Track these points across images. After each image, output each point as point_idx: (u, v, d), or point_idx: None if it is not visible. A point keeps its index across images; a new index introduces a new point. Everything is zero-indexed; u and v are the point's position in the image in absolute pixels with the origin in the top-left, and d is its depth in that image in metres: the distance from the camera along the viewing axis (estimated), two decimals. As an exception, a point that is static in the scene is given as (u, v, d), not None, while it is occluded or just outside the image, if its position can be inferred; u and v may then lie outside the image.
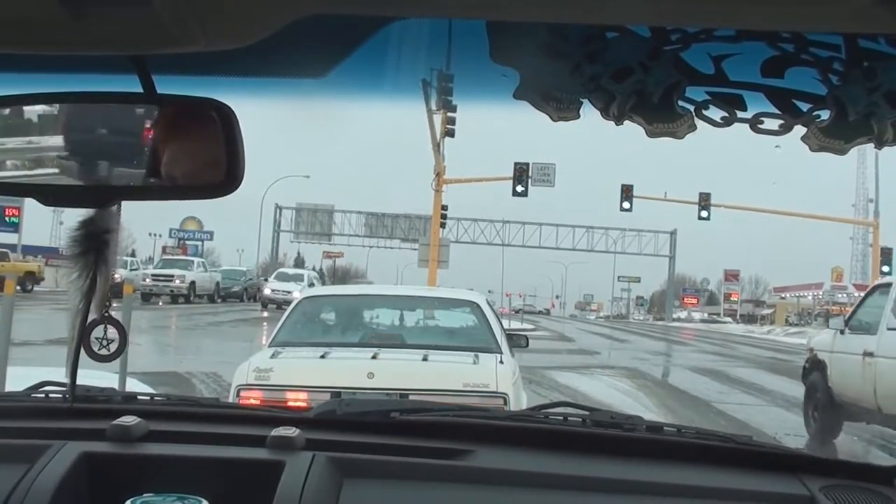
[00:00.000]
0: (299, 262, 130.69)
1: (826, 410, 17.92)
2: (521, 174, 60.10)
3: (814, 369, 18.94)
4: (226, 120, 2.02)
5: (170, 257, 78.59)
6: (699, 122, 2.36)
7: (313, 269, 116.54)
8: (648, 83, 2.29)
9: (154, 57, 1.93)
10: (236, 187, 2.05)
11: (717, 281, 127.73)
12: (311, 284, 62.84)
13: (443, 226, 65.50)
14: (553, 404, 3.74)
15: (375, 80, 2.48)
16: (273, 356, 10.66)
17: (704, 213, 67.30)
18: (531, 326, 58.16)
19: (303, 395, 9.92)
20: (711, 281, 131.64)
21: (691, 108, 2.33)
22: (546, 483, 3.04)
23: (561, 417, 3.55)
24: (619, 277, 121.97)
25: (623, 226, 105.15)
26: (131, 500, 2.69)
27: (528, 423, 3.49)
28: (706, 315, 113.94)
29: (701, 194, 67.53)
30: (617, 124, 2.36)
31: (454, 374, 10.34)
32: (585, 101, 2.36)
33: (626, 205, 66.49)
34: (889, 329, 16.34)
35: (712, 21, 1.90)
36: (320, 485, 2.84)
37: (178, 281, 66.31)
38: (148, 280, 66.83)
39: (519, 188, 60.11)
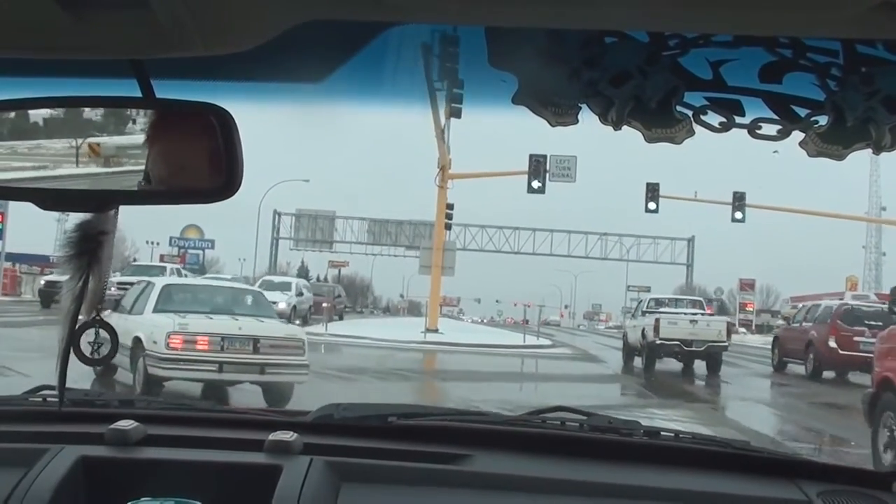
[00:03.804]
0: (303, 272, 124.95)
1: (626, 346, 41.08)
2: (538, 168, 54.72)
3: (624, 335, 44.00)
4: (224, 124, 2.02)
5: (140, 264, 69.95)
6: (697, 128, 2.36)
7: (317, 279, 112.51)
8: (647, 88, 2.29)
9: (153, 61, 1.93)
10: (234, 192, 2.05)
11: (728, 290, 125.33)
12: (300, 294, 60.12)
13: (448, 227, 60.61)
14: (550, 409, 3.74)
15: (373, 86, 2.48)
16: (181, 317, 18.22)
17: (739, 215, 60.55)
18: (548, 342, 54.34)
19: (206, 338, 17.76)
20: (723, 290, 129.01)
21: (689, 113, 2.33)
22: (543, 488, 3.04)
23: (558, 422, 3.56)
24: (629, 287, 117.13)
25: (638, 232, 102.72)
26: (129, 503, 2.69)
27: (526, 427, 3.49)
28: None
29: (735, 194, 60.99)
30: (615, 129, 2.36)
31: (281, 329, 20.01)
32: (584, 107, 2.36)
33: (651, 205, 59.72)
34: (643, 314, 40.90)
35: (710, 26, 1.90)
36: (318, 489, 2.84)
37: None
38: (114, 289, 57.27)
39: (535, 184, 55.01)
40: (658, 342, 35.54)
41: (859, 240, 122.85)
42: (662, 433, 3.51)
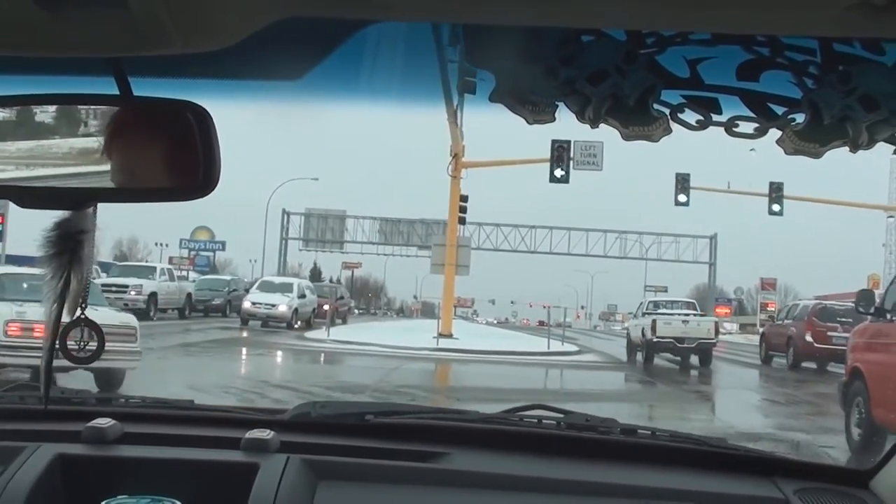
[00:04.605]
0: (316, 274, 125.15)
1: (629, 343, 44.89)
2: (561, 155, 49.80)
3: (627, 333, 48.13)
4: (201, 122, 2.02)
5: (128, 264, 66.94)
6: (675, 126, 2.37)
7: (331, 280, 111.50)
8: (624, 86, 2.29)
9: (130, 59, 1.92)
10: (212, 189, 2.05)
11: (748, 289, 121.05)
12: (303, 296, 57.63)
13: (462, 221, 55.15)
14: (528, 406, 3.74)
15: (352, 83, 2.48)
16: (19, 306, 18.76)
17: (776, 207, 56.57)
18: (574, 347, 49.24)
19: (41, 324, 15.99)
20: (743, 289, 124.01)
21: (666, 111, 2.34)
22: (520, 486, 3.04)
23: (536, 420, 3.56)
24: (646, 287, 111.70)
25: (657, 230, 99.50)
26: (105, 502, 2.69)
27: (503, 425, 3.50)
28: (737, 326, 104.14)
29: (772, 185, 56.75)
30: (592, 127, 2.36)
31: (114, 317, 20.49)
32: (561, 104, 2.36)
33: (681, 197, 56.34)
34: (643, 315, 44.30)
35: (688, 25, 1.91)
36: (295, 487, 2.84)
37: (133, 292, 52.47)
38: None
39: (558, 172, 50.40)
40: (655, 339, 40.17)
41: (879, 238, 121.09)
42: (639, 431, 3.51)
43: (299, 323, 55.15)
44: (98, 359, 2.40)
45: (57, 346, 2.36)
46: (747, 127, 2.37)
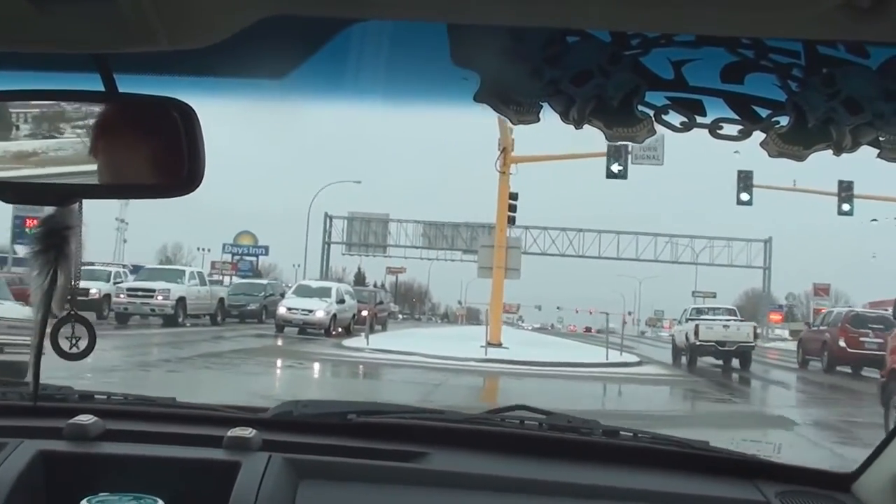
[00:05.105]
0: (360, 278, 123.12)
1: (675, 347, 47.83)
2: (619, 149, 45.09)
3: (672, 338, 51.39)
4: (186, 119, 2.02)
5: (156, 267, 61.86)
6: (659, 127, 2.37)
7: (375, 285, 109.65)
8: (608, 88, 2.30)
9: (116, 56, 1.93)
10: (196, 186, 2.05)
11: (800, 295, 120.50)
12: (342, 301, 53.70)
13: (511, 221, 51.15)
14: (510, 408, 3.74)
15: (336, 81, 2.48)
16: None
17: (846, 207, 53.43)
18: (634, 358, 45.75)
19: None
20: (794, 295, 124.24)
21: (650, 112, 2.34)
22: (501, 486, 3.05)
23: (518, 421, 3.57)
24: (693, 292, 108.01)
25: (712, 233, 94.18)
26: (87, 499, 2.68)
27: (485, 426, 3.50)
28: (787, 333, 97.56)
29: (841, 183, 53.34)
30: (577, 128, 2.37)
31: (19, 311, 19.94)
32: (545, 105, 2.36)
33: (744, 196, 53.36)
34: (686, 321, 46.61)
35: (672, 26, 1.91)
36: (276, 486, 2.85)
37: (160, 297, 49.06)
38: (122, 296, 49.90)
39: (615, 167, 46.92)
40: (698, 343, 43.17)
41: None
42: (622, 433, 3.52)
43: (338, 329, 51.74)
44: (89, 354, 2.40)
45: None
46: (731, 129, 2.37)
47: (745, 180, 53.48)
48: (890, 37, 1.65)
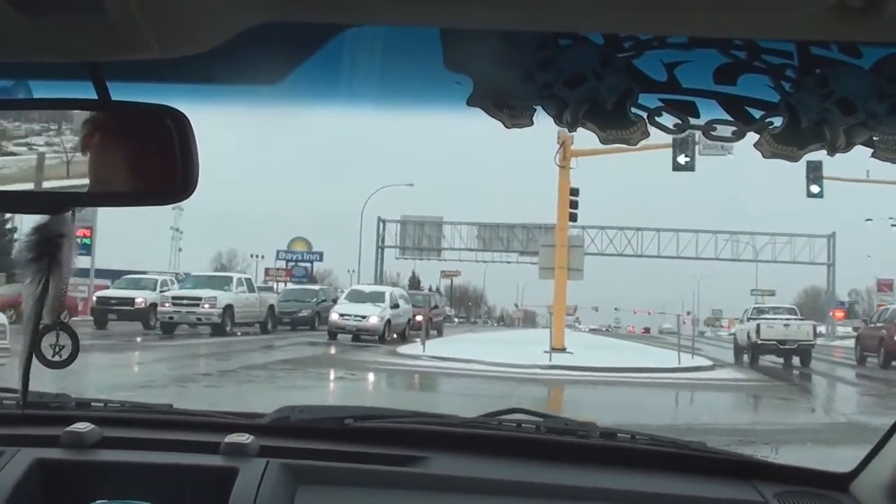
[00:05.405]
0: (414, 282, 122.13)
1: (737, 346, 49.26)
2: (686, 139, 41.62)
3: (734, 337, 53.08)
4: (180, 127, 2.02)
5: (202, 274, 58.48)
6: (652, 129, 2.37)
7: (431, 288, 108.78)
8: (601, 90, 2.30)
9: (108, 64, 1.92)
10: (190, 194, 2.05)
11: (863, 291, 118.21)
12: (396, 306, 51.72)
13: (573, 218, 47.71)
14: (507, 411, 3.74)
15: (330, 87, 2.48)
16: None
17: None
18: (706, 361, 42.10)
19: None
20: (858, 291, 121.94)
21: (644, 114, 2.34)
22: (499, 490, 3.05)
23: (515, 424, 3.57)
24: (751, 291, 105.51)
25: (772, 230, 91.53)
26: None
27: (482, 429, 3.50)
28: (850, 330, 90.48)
29: None
30: (570, 131, 2.37)
31: None
32: (539, 108, 2.36)
33: (814, 188, 49.46)
34: (748, 320, 48.20)
35: (665, 28, 1.91)
36: (274, 491, 2.85)
37: (206, 305, 47.21)
38: (168, 305, 48.11)
39: (682, 159, 44.38)
40: (759, 342, 44.65)
41: None
42: (619, 435, 3.51)
43: (393, 336, 50.10)
44: (72, 363, 2.40)
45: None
46: (725, 130, 2.37)
47: (814, 171, 49.48)
48: (883, 37, 1.66)
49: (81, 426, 3.11)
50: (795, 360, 44.28)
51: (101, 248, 72.40)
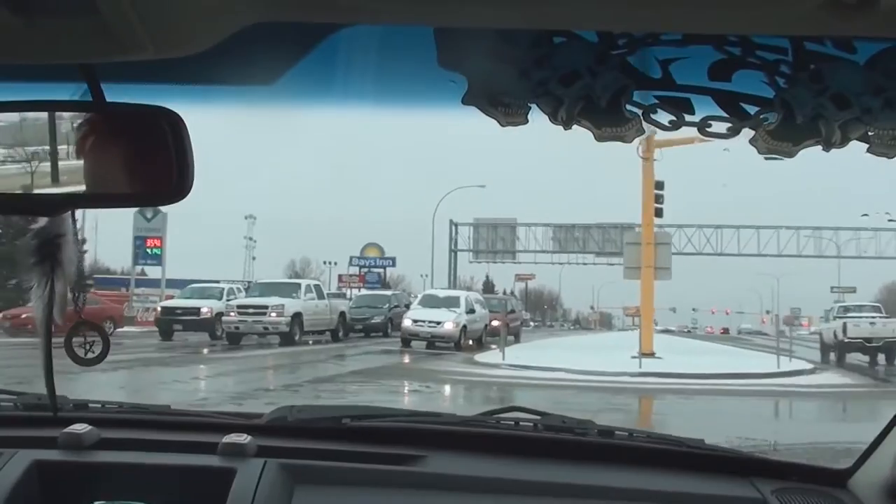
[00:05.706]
0: (488, 286, 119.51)
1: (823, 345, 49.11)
2: None
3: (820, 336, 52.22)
4: (175, 127, 2.02)
5: (269, 281, 55.61)
6: (647, 126, 2.37)
7: (506, 292, 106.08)
8: (596, 88, 2.30)
9: (103, 65, 1.92)
10: (185, 195, 2.05)
11: None
12: (471, 310, 48.87)
13: (658, 214, 45.17)
14: (505, 409, 3.75)
15: (325, 86, 2.48)
16: None
17: None
18: (806, 365, 39.40)
19: None
20: None
21: (639, 112, 2.34)
22: (497, 488, 3.05)
23: (513, 422, 3.57)
24: (832, 288, 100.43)
25: (858, 223, 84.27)
26: None
27: (480, 428, 3.50)
28: None
29: None
30: (565, 129, 2.37)
31: None
32: (533, 106, 2.37)
33: None
34: (834, 319, 48.46)
35: (659, 25, 1.91)
36: (272, 491, 2.85)
37: (273, 314, 45.33)
38: (233, 314, 46.47)
39: None
40: (846, 340, 45.12)
41: None
42: (616, 432, 3.51)
43: (469, 342, 46.85)
44: (104, 359, 2.41)
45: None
46: (720, 127, 2.37)
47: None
48: (877, 31, 1.65)
49: (79, 427, 3.11)
50: (880, 358, 44.67)
51: (172, 259, 71.76)
